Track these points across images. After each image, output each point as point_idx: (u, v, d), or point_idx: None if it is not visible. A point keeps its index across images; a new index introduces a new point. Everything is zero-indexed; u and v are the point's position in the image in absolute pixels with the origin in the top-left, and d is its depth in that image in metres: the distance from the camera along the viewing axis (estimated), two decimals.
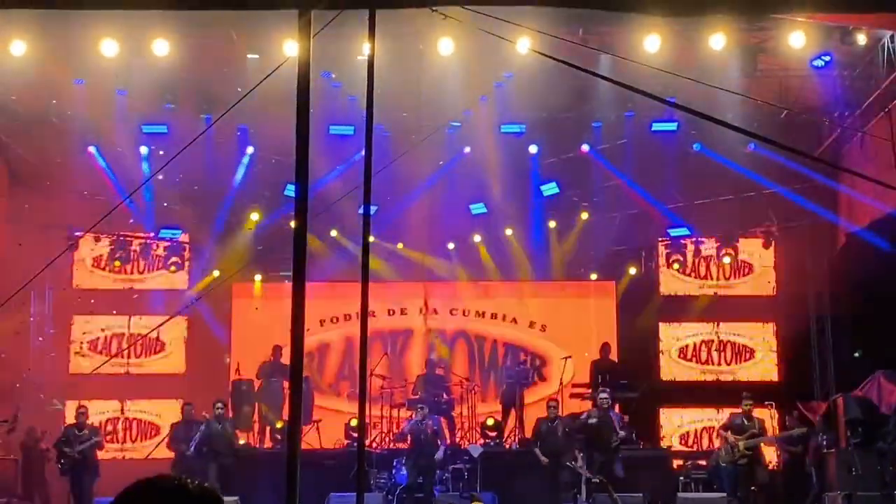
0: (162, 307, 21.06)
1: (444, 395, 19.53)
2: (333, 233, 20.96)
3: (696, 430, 21.74)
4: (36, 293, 20.51)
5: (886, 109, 17.11)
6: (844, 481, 16.30)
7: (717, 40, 16.50)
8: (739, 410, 17.57)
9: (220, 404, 17.94)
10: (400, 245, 21.59)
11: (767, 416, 18.10)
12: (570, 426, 17.48)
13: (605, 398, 17.44)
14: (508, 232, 21.75)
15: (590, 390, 19.50)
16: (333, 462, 17.25)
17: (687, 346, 22.22)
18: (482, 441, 18.93)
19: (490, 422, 19.46)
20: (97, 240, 21.45)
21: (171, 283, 22.02)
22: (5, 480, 18.56)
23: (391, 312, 22.08)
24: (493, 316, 22.31)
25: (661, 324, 22.17)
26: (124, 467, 18.85)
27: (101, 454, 18.23)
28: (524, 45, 14.19)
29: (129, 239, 21.56)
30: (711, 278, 22.26)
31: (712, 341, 22.16)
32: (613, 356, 20.73)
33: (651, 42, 16.28)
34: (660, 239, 21.91)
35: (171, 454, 18.09)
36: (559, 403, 18.23)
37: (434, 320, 22.18)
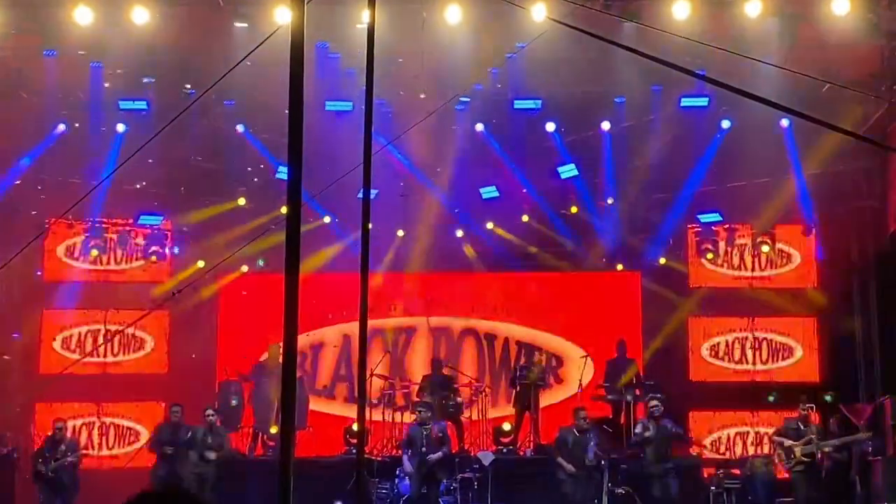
0: (141, 301, 21.09)
1: (453, 398, 19.56)
2: (326, 219, 21.00)
3: (728, 436, 21.76)
4: (2, 285, 20.57)
5: None
6: (892, 491, 16.32)
7: (753, 7, 16.49)
8: (795, 415, 17.59)
9: (210, 411, 18.00)
10: (400, 233, 21.64)
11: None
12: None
13: (657, 405, 17.43)
14: (524, 218, 21.75)
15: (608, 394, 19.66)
16: (330, 471, 17.32)
17: (719, 343, 22.22)
18: (493, 448, 18.97)
19: (506, 427, 19.45)
20: (70, 227, 21.48)
21: (152, 274, 22.05)
22: None
23: (392, 308, 22.12)
24: (505, 311, 22.32)
25: (690, 319, 22.18)
26: (102, 477, 18.93)
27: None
28: (539, 12, 14.17)
29: (105, 226, 21.59)
30: (746, 269, 22.25)
31: (747, 338, 22.16)
32: (633, 354, 20.73)
33: (680, 9, 16.27)
34: (690, 226, 21.89)
35: (153, 460, 18.21)
36: (587, 413, 18.20)
37: (440, 316, 22.21)
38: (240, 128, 20.03)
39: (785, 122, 19.03)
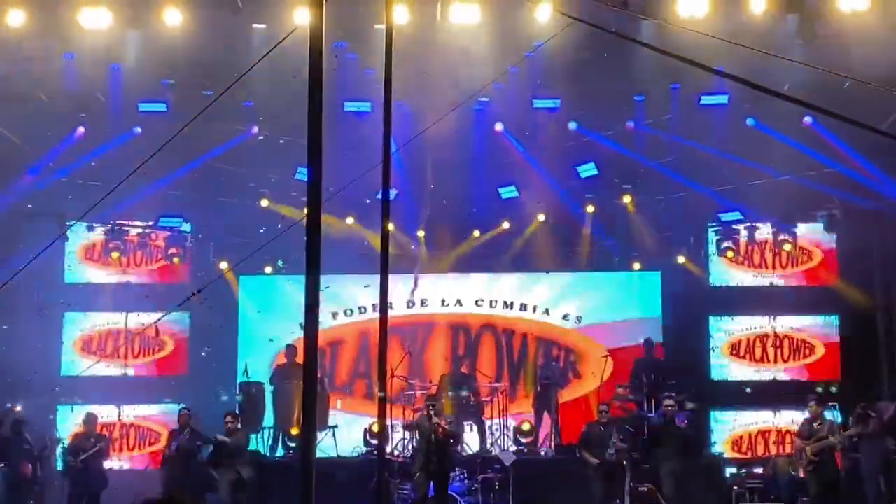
0: (162, 303, 21.11)
1: (472, 398, 19.51)
2: (350, 220, 20.99)
3: (750, 435, 21.68)
4: (23, 288, 20.60)
5: None
6: None
7: (771, 2, 16.41)
8: (808, 415, 17.46)
9: (229, 418, 17.84)
10: (421, 233, 21.64)
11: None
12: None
13: (671, 405, 17.28)
14: (541, 217, 21.73)
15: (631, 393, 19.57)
16: (351, 472, 17.32)
17: (740, 341, 22.15)
18: (514, 447, 18.94)
19: (526, 426, 19.40)
20: (90, 229, 21.54)
21: (172, 276, 22.08)
22: None
23: (410, 304, 22.11)
24: (523, 308, 22.26)
25: (711, 317, 22.10)
26: (124, 478, 18.97)
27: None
28: (549, 11, 14.09)
29: (125, 228, 21.65)
30: (767, 267, 22.18)
31: (768, 336, 22.09)
32: (658, 354, 20.68)
33: (698, 5, 16.20)
34: (710, 224, 21.84)
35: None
36: (610, 407, 18.15)
37: (458, 313, 22.18)
38: (256, 129, 20.06)
39: (808, 119, 18.92)
